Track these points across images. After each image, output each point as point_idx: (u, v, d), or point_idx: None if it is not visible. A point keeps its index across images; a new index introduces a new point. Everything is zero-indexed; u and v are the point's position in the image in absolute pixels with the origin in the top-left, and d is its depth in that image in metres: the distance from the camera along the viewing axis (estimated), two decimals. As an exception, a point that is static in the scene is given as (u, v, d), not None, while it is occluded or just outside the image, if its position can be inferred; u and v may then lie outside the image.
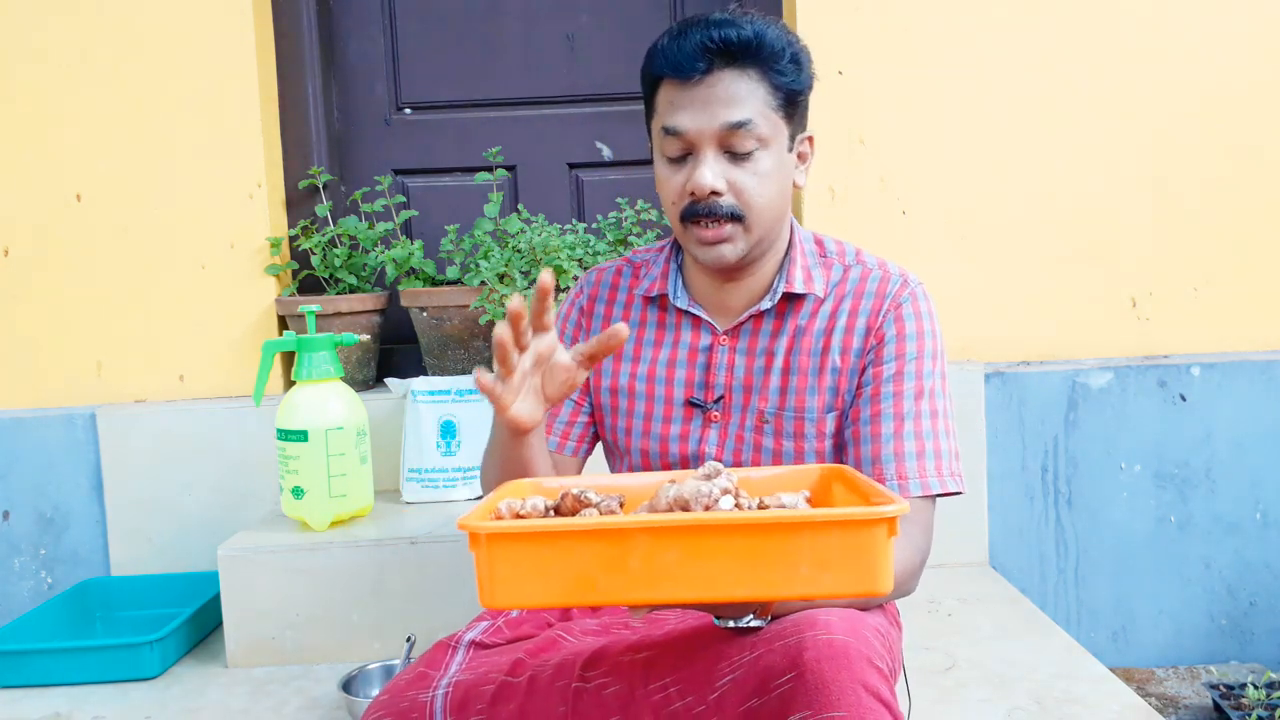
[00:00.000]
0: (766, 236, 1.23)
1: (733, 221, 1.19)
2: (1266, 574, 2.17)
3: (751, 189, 1.18)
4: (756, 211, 1.19)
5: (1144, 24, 2.17)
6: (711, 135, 1.17)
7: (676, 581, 0.82)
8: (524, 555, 0.83)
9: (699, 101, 1.16)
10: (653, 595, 0.84)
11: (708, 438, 1.29)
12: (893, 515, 0.82)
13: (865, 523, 0.82)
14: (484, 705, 1.06)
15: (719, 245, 1.20)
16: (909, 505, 0.85)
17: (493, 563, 0.83)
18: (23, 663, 1.78)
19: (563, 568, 0.83)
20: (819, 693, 0.90)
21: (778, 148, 1.20)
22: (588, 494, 0.91)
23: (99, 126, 2.19)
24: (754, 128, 1.16)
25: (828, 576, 0.82)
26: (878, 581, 0.83)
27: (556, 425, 1.37)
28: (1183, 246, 2.20)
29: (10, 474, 2.19)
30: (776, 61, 1.17)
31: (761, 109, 1.17)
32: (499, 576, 0.83)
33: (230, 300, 2.22)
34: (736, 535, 0.82)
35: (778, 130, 1.20)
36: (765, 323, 1.28)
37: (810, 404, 1.25)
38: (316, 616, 1.82)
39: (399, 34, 2.41)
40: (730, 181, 1.18)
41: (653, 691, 1.02)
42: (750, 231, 1.20)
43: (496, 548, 0.83)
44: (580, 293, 1.40)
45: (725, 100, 1.16)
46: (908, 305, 1.25)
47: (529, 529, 0.83)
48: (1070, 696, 1.56)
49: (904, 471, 1.20)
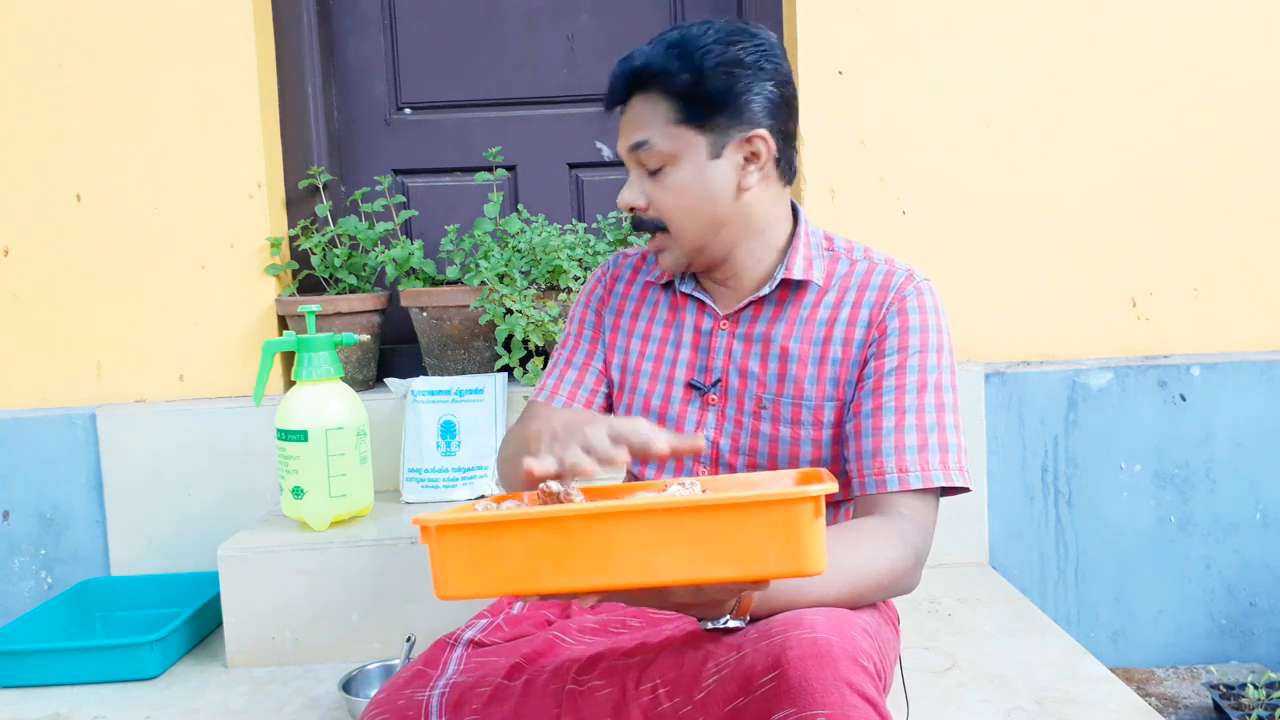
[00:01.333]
0: (705, 243, 1.27)
1: (660, 233, 1.28)
2: (1266, 574, 2.17)
3: (664, 202, 1.26)
4: (676, 223, 1.27)
5: (1144, 24, 2.17)
6: (628, 157, 1.27)
7: (614, 566, 0.86)
8: (468, 546, 0.87)
9: (620, 128, 1.28)
10: (593, 581, 0.87)
11: (706, 420, 1.31)
12: (815, 495, 0.85)
13: (788, 501, 0.85)
14: (479, 705, 1.06)
15: (659, 253, 1.31)
16: (835, 485, 0.87)
17: (442, 554, 0.87)
18: (23, 663, 1.78)
19: (506, 557, 0.87)
20: (802, 691, 0.90)
21: (691, 158, 1.24)
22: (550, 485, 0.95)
23: (99, 126, 2.19)
24: (652, 147, 1.24)
25: (757, 558, 0.86)
26: (806, 562, 0.85)
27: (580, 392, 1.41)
28: (1183, 246, 2.20)
29: (10, 474, 2.19)
30: (670, 79, 1.22)
31: (662, 128, 1.23)
32: (448, 568, 0.87)
33: (230, 300, 2.22)
34: (665, 518, 0.86)
35: (686, 143, 1.24)
36: (765, 309, 1.30)
37: (809, 392, 1.26)
38: (316, 616, 1.83)
39: (399, 34, 2.41)
40: (648, 197, 1.27)
41: (643, 693, 1.02)
42: (679, 240, 1.28)
43: (444, 539, 0.87)
44: (605, 271, 1.46)
45: (631, 124, 1.26)
46: (912, 299, 1.25)
47: (471, 520, 0.87)
48: (1070, 696, 1.56)
49: (904, 465, 1.19)
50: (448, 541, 0.87)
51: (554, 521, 0.86)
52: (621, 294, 1.42)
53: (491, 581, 0.88)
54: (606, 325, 1.42)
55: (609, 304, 1.43)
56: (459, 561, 0.87)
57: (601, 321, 1.43)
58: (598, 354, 1.42)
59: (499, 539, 0.87)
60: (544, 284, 2.09)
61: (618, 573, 0.87)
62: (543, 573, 0.87)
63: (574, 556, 0.86)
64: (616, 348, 1.40)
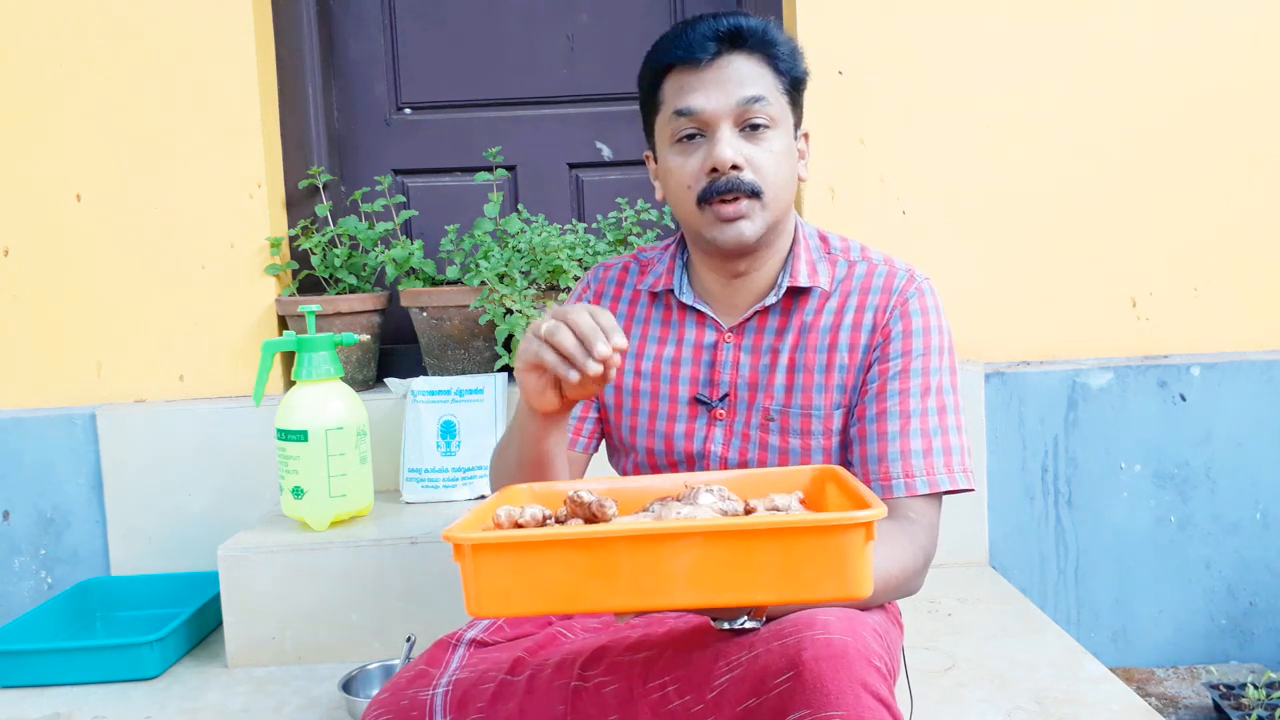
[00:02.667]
0: (780, 219, 1.25)
1: (751, 197, 1.20)
2: (1266, 574, 2.17)
3: (768, 165, 1.21)
4: (773, 189, 1.21)
5: (1145, 23, 2.17)
6: (728, 112, 1.19)
7: (660, 589, 0.83)
8: (507, 566, 0.83)
9: (712, 82, 1.19)
10: (637, 603, 0.84)
11: (713, 435, 1.29)
12: (868, 520, 0.83)
13: (842, 528, 0.82)
14: (484, 704, 1.06)
15: (738, 222, 1.21)
16: (885, 510, 0.85)
17: (477, 574, 0.84)
18: (23, 663, 1.78)
19: (546, 577, 0.83)
20: (817, 692, 0.90)
21: (786, 130, 1.24)
22: (580, 494, 0.92)
23: (99, 126, 2.19)
24: (768, 105, 1.20)
25: (805, 582, 0.83)
26: (854, 586, 0.83)
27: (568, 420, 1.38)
28: (1183, 246, 2.20)
29: (10, 474, 2.19)
30: (780, 49, 1.22)
31: (772, 90, 1.21)
32: (483, 587, 0.84)
33: (230, 300, 2.22)
34: (718, 542, 0.83)
35: (785, 114, 1.23)
36: (770, 319, 1.28)
37: (817, 401, 1.25)
38: (316, 616, 1.82)
39: (399, 34, 2.41)
40: (748, 158, 1.20)
41: (651, 690, 1.02)
42: (767, 208, 1.22)
43: (481, 559, 0.84)
44: (587, 288, 1.40)
45: (738, 80, 1.19)
46: (914, 301, 1.25)
47: (512, 539, 0.84)
48: (1070, 696, 1.55)
49: (910, 470, 1.19)
50: (484, 561, 0.84)
51: (597, 543, 0.83)
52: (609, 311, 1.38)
53: (529, 602, 0.84)
54: None
55: None
56: (495, 581, 0.84)
57: None
58: None
59: (538, 560, 0.83)
60: (544, 284, 2.09)
61: (662, 595, 0.83)
62: (583, 594, 0.83)
63: (616, 579, 0.83)
64: None
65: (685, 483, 1.04)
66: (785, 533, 0.82)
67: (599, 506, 0.92)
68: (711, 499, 0.95)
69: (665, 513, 0.92)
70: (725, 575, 0.83)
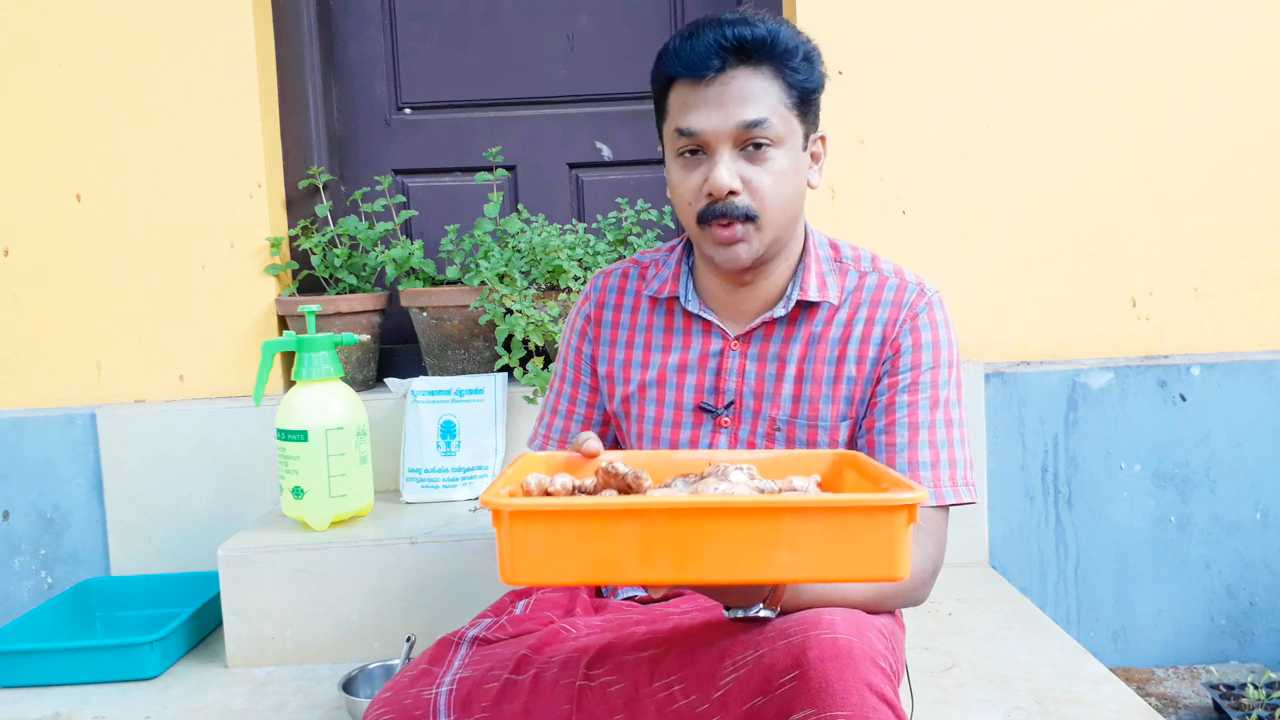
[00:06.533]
0: (780, 236, 1.22)
1: (746, 222, 1.18)
2: (1266, 574, 2.17)
3: (766, 188, 1.17)
4: (771, 211, 1.19)
5: (1144, 23, 2.17)
6: (727, 134, 1.16)
7: (699, 562, 0.83)
8: (546, 534, 0.83)
9: (713, 101, 1.16)
10: (674, 576, 0.84)
11: (718, 443, 1.29)
12: (912, 502, 0.83)
13: (887, 509, 0.83)
14: (488, 703, 1.06)
15: (734, 246, 1.19)
16: (927, 494, 0.85)
17: (514, 540, 0.83)
18: (23, 663, 1.78)
19: (585, 547, 0.83)
20: (822, 692, 0.90)
21: (792, 147, 1.19)
22: (616, 465, 0.91)
23: (99, 126, 2.19)
24: (769, 127, 1.16)
25: (848, 561, 0.83)
26: (895, 568, 0.83)
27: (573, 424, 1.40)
28: (1183, 246, 2.20)
29: (10, 474, 2.19)
30: (790, 60, 1.17)
31: (776, 107, 1.17)
32: (520, 554, 0.83)
33: (230, 300, 2.22)
34: (763, 518, 0.83)
35: (792, 129, 1.19)
36: (778, 329, 1.27)
37: (824, 412, 1.25)
38: (316, 616, 1.82)
39: (399, 34, 2.41)
40: (746, 180, 1.17)
41: (657, 689, 1.02)
42: (763, 231, 1.19)
43: (519, 525, 0.83)
44: (587, 299, 1.39)
45: (740, 99, 1.15)
46: (924, 315, 1.25)
47: (553, 507, 0.83)
48: (1070, 696, 1.56)
49: (918, 481, 1.20)
50: (522, 528, 0.83)
51: (639, 514, 0.82)
52: (612, 321, 1.36)
53: (563, 571, 0.84)
54: (601, 357, 1.36)
55: (600, 333, 1.36)
56: (532, 549, 0.83)
57: (596, 353, 1.37)
58: (583, 395, 1.39)
59: (577, 529, 0.83)
60: (544, 284, 2.09)
61: (697, 570, 0.83)
62: (619, 565, 0.83)
63: (655, 551, 0.82)
64: (615, 379, 1.35)
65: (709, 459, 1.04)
66: (833, 511, 0.83)
67: (635, 479, 0.91)
68: (742, 476, 0.94)
69: (702, 488, 0.91)
70: (763, 552, 0.83)
